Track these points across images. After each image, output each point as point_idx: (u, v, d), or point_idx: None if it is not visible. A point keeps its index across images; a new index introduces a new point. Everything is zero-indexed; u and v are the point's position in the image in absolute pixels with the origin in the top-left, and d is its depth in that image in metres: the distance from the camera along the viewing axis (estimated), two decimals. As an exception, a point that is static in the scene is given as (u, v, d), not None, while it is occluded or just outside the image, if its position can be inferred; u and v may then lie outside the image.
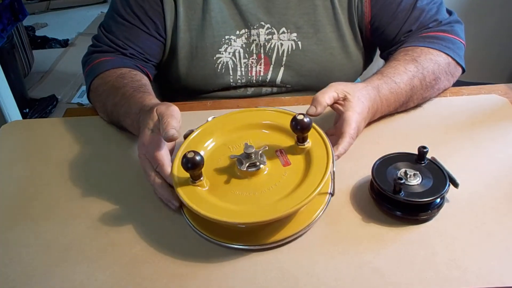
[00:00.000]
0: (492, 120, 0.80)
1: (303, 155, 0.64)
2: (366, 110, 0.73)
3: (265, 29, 0.92)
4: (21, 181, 0.75)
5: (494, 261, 0.57)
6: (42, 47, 2.98)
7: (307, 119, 0.61)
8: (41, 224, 0.67)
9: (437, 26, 0.88)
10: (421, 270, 0.56)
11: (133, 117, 0.74)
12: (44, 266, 0.61)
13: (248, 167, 0.62)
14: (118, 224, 0.66)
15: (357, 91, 0.73)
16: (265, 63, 0.95)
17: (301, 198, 0.57)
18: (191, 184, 0.61)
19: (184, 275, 0.58)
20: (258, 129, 0.69)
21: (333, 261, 0.58)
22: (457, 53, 0.86)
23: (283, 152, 0.65)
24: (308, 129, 0.62)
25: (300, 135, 0.63)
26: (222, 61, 0.94)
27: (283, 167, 0.63)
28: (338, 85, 0.74)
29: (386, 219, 0.63)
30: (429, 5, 0.89)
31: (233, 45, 0.93)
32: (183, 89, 0.98)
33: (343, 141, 0.68)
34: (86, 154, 0.80)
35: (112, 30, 0.93)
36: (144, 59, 0.92)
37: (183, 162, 0.59)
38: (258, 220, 0.56)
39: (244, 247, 0.60)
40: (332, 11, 0.91)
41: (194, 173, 0.60)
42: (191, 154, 0.58)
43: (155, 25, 0.92)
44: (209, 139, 0.68)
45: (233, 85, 0.97)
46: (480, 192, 0.66)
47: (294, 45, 0.93)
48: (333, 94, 0.72)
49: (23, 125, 0.91)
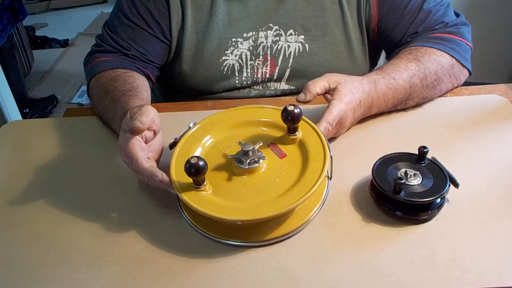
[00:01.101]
0: (492, 120, 0.80)
1: (296, 145, 0.65)
2: (357, 102, 0.73)
3: (273, 31, 0.92)
4: (21, 181, 0.75)
5: (494, 261, 0.57)
6: (42, 47, 2.98)
7: (298, 109, 0.62)
8: (41, 224, 0.67)
9: (443, 28, 0.88)
10: (421, 270, 0.56)
11: (118, 122, 0.74)
12: (44, 266, 0.61)
13: (249, 164, 0.62)
14: (118, 224, 0.66)
15: (350, 83, 0.74)
16: (271, 64, 0.95)
17: (308, 185, 0.59)
18: (195, 190, 0.60)
19: (184, 275, 0.58)
20: (245, 127, 0.70)
21: (333, 261, 0.58)
22: (462, 55, 0.85)
23: (275, 145, 0.66)
24: (298, 119, 0.63)
25: (291, 126, 0.64)
26: (228, 64, 0.94)
27: (280, 160, 0.64)
28: (331, 75, 0.75)
29: (386, 219, 0.63)
30: (436, 7, 0.89)
31: (240, 47, 0.93)
32: (187, 89, 0.98)
33: (319, 125, 0.68)
34: (86, 154, 0.80)
35: (117, 30, 0.92)
36: (146, 60, 0.92)
37: (186, 168, 0.58)
38: (271, 214, 0.56)
39: (244, 243, 0.60)
40: (340, 14, 0.91)
41: (197, 178, 0.59)
42: (194, 160, 0.57)
43: (160, 27, 0.91)
44: (199, 143, 0.68)
45: (238, 86, 0.97)
46: (480, 192, 0.66)
47: (301, 47, 0.93)
48: (324, 83, 0.73)
49: (23, 125, 0.91)
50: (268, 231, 0.61)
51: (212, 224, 0.62)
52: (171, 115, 0.87)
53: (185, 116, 0.86)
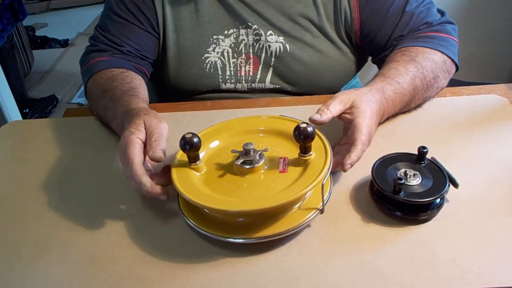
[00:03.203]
0: (492, 120, 0.80)
1: (303, 167, 0.63)
2: (375, 113, 0.72)
3: (252, 29, 0.92)
4: (21, 181, 0.75)
5: (494, 261, 0.57)
6: (42, 47, 2.98)
7: (310, 128, 0.61)
8: (41, 224, 0.67)
9: (428, 28, 0.88)
10: (421, 270, 0.56)
11: (119, 121, 0.75)
12: (44, 266, 0.61)
13: (242, 163, 0.63)
14: (118, 224, 0.66)
15: (363, 96, 0.72)
16: (254, 62, 0.95)
17: (308, 181, 0.59)
18: (188, 166, 0.64)
19: (184, 275, 0.58)
20: (270, 135, 0.70)
21: (333, 261, 0.58)
22: (451, 50, 0.86)
23: (286, 161, 0.65)
24: (310, 139, 0.61)
25: (302, 145, 0.62)
26: (211, 61, 0.94)
27: (279, 173, 0.64)
28: (342, 95, 0.72)
29: (386, 219, 0.63)
30: (419, 8, 0.89)
31: (221, 44, 0.93)
32: (174, 89, 0.98)
33: (355, 149, 0.66)
34: (86, 154, 0.80)
35: (108, 28, 0.93)
36: (141, 56, 0.93)
37: (181, 143, 0.62)
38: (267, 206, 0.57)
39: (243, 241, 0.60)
40: (317, 17, 0.91)
41: (190, 154, 0.63)
42: (189, 135, 0.61)
43: (149, 21, 0.92)
44: (215, 139, 0.71)
45: (223, 86, 0.97)
46: (480, 192, 0.66)
47: (282, 47, 0.93)
48: (339, 106, 0.70)
49: (23, 125, 0.91)
50: (268, 228, 0.60)
51: (212, 222, 0.62)
52: (171, 115, 0.87)
53: (185, 116, 0.87)
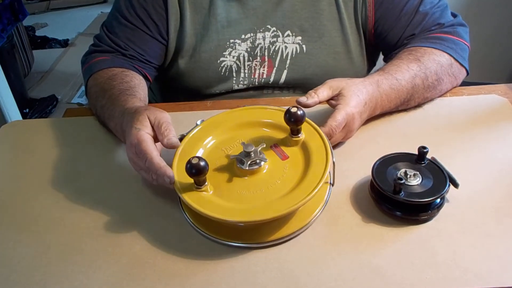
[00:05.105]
0: (492, 120, 0.80)
1: (299, 147, 0.65)
2: (362, 103, 0.73)
3: (270, 32, 0.92)
4: (21, 181, 0.75)
5: (494, 261, 0.57)
6: (42, 47, 2.98)
7: (301, 111, 0.62)
8: (41, 224, 0.67)
9: (439, 29, 0.88)
10: (421, 270, 0.56)
11: (116, 121, 0.75)
12: (44, 266, 0.61)
13: (250, 166, 0.62)
14: (118, 224, 0.66)
15: (353, 86, 0.74)
16: (268, 65, 0.95)
17: (307, 189, 0.58)
18: (196, 190, 0.60)
19: (184, 275, 0.58)
20: (248, 128, 0.70)
21: (333, 261, 0.58)
22: (459, 54, 0.85)
23: (278, 146, 0.66)
24: (301, 121, 0.63)
25: (294, 127, 0.64)
26: (226, 65, 0.94)
27: (282, 161, 0.64)
28: (332, 81, 0.75)
29: (386, 219, 0.63)
30: (433, 9, 0.89)
31: (238, 49, 0.93)
32: (185, 90, 0.98)
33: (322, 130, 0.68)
34: (86, 154, 0.80)
35: (115, 30, 0.93)
36: (144, 60, 0.92)
37: (187, 168, 0.57)
38: (271, 216, 0.56)
39: (244, 245, 0.60)
40: (337, 15, 0.91)
41: (199, 179, 0.59)
42: (196, 160, 0.57)
43: (157, 28, 0.92)
44: (201, 143, 0.68)
45: (235, 87, 0.97)
46: (480, 192, 0.66)
47: (298, 48, 0.93)
48: (327, 91, 0.73)
49: (23, 125, 0.91)
50: (269, 233, 0.61)
51: (213, 224, 0.61)
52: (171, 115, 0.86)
53: (185, 116, 0.86)
